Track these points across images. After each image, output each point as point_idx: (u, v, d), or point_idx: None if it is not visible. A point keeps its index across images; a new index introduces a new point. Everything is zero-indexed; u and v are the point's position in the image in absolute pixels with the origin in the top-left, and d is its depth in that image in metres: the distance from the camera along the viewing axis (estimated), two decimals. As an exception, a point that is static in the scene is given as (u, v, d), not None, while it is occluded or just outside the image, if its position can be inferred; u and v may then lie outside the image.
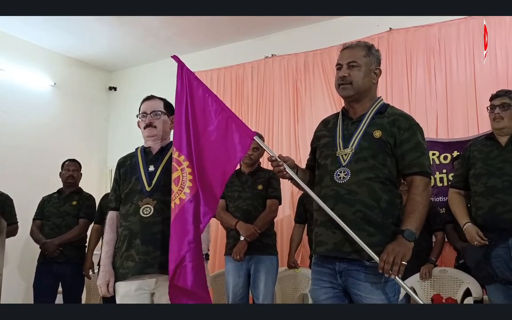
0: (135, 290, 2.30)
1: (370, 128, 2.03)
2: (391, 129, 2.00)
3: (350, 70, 2.07)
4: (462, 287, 3.40)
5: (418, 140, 1.98)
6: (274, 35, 5.53)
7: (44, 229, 4.22)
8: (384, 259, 1.83)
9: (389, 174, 1.99)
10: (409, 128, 2.00)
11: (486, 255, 2.64)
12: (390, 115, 2.04)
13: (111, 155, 6.48)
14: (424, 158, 1.98)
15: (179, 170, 2.22)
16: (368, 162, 1.98)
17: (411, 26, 4.67)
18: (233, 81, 5.67)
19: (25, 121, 5.59)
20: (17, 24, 5.27)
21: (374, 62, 2.10)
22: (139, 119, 2.54)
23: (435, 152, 4.37)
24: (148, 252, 2.27)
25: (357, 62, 2.06)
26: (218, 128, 2.22)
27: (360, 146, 2.00)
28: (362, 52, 2.08)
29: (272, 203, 3.46)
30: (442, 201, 4.25)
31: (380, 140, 1.99)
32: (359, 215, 1.94)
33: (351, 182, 1.97)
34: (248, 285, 3.45)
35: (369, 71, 2.08)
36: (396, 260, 1.82)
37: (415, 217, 1.90)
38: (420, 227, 1.91)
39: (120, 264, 2.34)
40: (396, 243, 1.86)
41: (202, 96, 2.28)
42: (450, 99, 4.44)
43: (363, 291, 1.93)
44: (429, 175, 1.99)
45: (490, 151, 2.77)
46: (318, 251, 2.06)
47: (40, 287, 4.15)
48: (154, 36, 5.65)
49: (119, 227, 2.41)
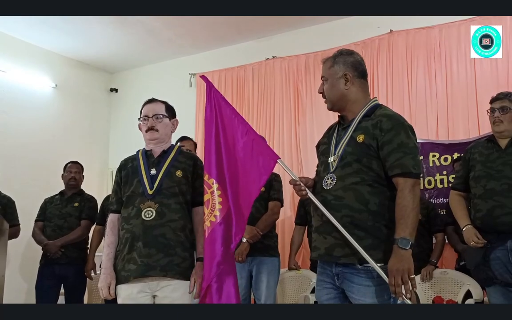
0: (137, 292, 2.30)
1: (355, 133, 2.04)
2: (373, 131, 1.99)
3: (323, 86, 2.16)
4: (463, 289, 3.40)
5: (401, 141, 1.94)
6: (275, 36, 5.55)
7: (46, 230, 4.23)
8: (393, 283, 1.82)
9: (376, 177, 1.97)
10: (391, 128, 1.97)
11: (485, 257, 2.66)
12: (376, 117, 2.03)
13: (112, 156, 6.50)
14: (407, 158, 1.92)
15: (209, 193, 2.27)
16: (353, 166, 1.99)
17: (412, 28, 4.68)
18: (234, 82, 5.69)
19: (26, 122, 5.60)
20: (18, 26, 5.29)
21: (341, 68, 2.11)
22: (140, 122, 2.54)
23: (435, 154, 4.38)
24: (150, 255, 2.28)
25: (324, 76, 2.15)
26: (244, 150, 2.24)
27: (345, 151, 2.03)
28: (328, 65, 2.15)
29: (274, 205, 3.47)
30: (443, 202, 4.26)
31: (363, 144, 1.99)
32: (347, 219, 1.95)
33: (337, 187, 2.00)
34: (250, 286, 3.45)
35: (335, 81, 2.11)
36: (404, 278, 1.81)
37: (405, 223, 1.87)
38: (413, 231, 1.88)
39: (121, 267, 2.34)
40: (395, 260, 1.84)
41: (229, 117, 2.31)
42: (451, 101, 4.45)
43: (357, 293, 1.94)
44: (414, 175, 1.92)
45: (490, 153, 2.78)
46: (313, 257, 2.12)
47: (42, 288, 4.16)
48: (156, 38, 5.66)
49: (121, 230, 2.41)
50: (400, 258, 1.84)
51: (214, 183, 2.26)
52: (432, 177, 4.37)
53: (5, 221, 3.39)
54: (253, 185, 2.23)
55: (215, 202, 2.24)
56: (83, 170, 4.53)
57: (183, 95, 5.76)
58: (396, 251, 1.85)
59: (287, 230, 4.69)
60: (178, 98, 4.14)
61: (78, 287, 4.24)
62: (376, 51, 4.86)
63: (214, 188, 2.25)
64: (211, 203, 2.24)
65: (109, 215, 2.52)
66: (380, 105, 2.13)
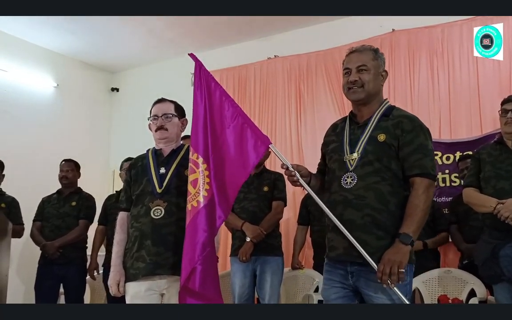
0: (145, 290, 2.31)
1: (375, 132, 2.05)
2: (394, 131, 2.01)
3: (360, 74, 2.09)
4: (466, 288, 3.40)
5: (420, 142, 1.98)
6: (277, 36, 5.54)
7: (44, 230, 4.20)
8: (381, 270, 1.86)
9: (394, 177, 2.00)
10: (412, 130, 2.00)
11: (494, 254, 2.67)
12: (395, 118, 2.05)
13: (114, 156, 6.49)
14: (427, 159, 1.96)
15: (197, 172, 2.23)
16: (374, 166, 2.00)
17: (414, 27, 4.68)
18: (236, 81, 5.68)
19: (27, 122, 5.60)
20: (20, 26, 5.28)
21: (382, 65, 2.15)
22: (150, 121, 2.54)
23: (437, 153, 4.37)
24: (159, 253, 2.29)
25: (366, 66, 2.09)
26: (234, 133, 2.22)
27: (366, 150, 2.02)
28: (370, 56, 2.12)
29: (278, 205, 3.47)
30: (445, 201, 4.26)
31: (384, 144, 2.01)
32: (368, 219, 1.96)
33: (358, 187, 2.00)
34: (253, 285, 3.46)
35: (378, 74, 2.12)
36: (393, 270, 1.84)
37: (412, 220, 1.90)
38: (418, 230, 1.91)
39: (130, 265, 2.35)
40: (392, 251, 1.88)
41: (219, 99, 2.28)
42: (453, 100, 4.45)
43: (374, 291, 1.95)
44: (431, 176, 1.96)
45: (499, 154, 2.81)
46: (331, 256, 2.10)
47: (41, 289, 4.13)
48: (157, 37, 5.66)
49: (130, 228, 2.43)
50: (396, 250, 1.87)
51: (203, 162, 2.23)
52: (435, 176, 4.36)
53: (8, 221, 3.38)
54: (242, 170, 2.22)
55: (203, 182, 2.21)
56: (79, 168, 4.47)
57: (184, 95, 5.68)
58: (396, 244, 1.89)
59: (291, 230, 4.69)
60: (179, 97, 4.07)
61: (78, 286, 4.22)
62: (378, 50, 4.85)
63: (202, 168, 2.23)
64: (199, 183, 2.21)
65: (118, 213, 2.52)
66: (394, 106, 2.16)
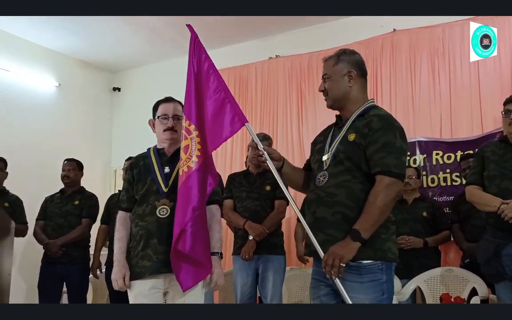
0: (149, 289, 2.33)
1: (347, 132, 2.07)
2: (363, 131, 2.02)
3: (325, 83, 2.17)
4: (468, 287, 3.41)
5: (386, 140, 1.96)
6: (278, 36, 5.56)
7: (47, 229, 4.21)
8: (325, 260, 1.90)
9: (367, 176, 1.99)
10: (380, 128, 1.99)
11: (497, 253, 2.67)
12: (368, 117, 2.05)
13: (115, 155, 6.51)
14: (390, 157, 1.94)
15: (188, 139, 2.27)
16: (345, 164, 2.02)
17: (415, 27, 4.69)
18: (237, 81, 5.69)
19: (29, 121, 5.61)
20: (22, 25, 5.29)
21: (346, 66, 2.14)
22: (157, 119, 2.53)
23: (438, 152, 4.39)
24: (165, 251, 2.29)
25: (327, 74, 2.16)
26: (214, 105, 2.25)
27: (338, 150, 2.05)
28: (331, 62, 2.16)
29: (280, 204, 3.48)
30: (446, 200, 4.27)
31: (354, 143, 2.02)
32: (339, 216, 1.97)
33: (330, 184, 2.02)
34: (256, 284, 3.48)
35: (339, 78, 2.13)
36: (335, 262, 1.86)
37: (365, 218, 1.90)
38: (371, 228, 1.90)
39: (135, 263, 2.36)
40: (338, 245, 1.90)
41: (206, 71, 2.32)
42: (454, 100, 4.46)
43: (350, 290, 1.94)
44: (394, 174, 1.93)
45: (503, 154, 2.79)
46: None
47: (44, 287, 4.15)
48: (158, 37, 5.67)
49: (135, 227, 2.42)
50: (343, 245, 1.89)
51: (195, 129, 2.26)
52: (436, 175, 4.37)
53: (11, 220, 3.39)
54: (214, 140, 2.26)
55: (194, 148, 2.25)
56: (82, 167, 4.48)
57: None
58: (346, 238, 1.90)
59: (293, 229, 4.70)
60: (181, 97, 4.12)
61: (80, 285, 4.23)
62: (379, 50, 4.87)
63: (194, 134, 2.26)
64: (190, 149, 2.25)
65: (118, 212, 2.52)
66: (376, 106, 2.15)
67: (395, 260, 2.01)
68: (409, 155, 4.44)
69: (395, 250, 2.00)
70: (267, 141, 3.57)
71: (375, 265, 1.93)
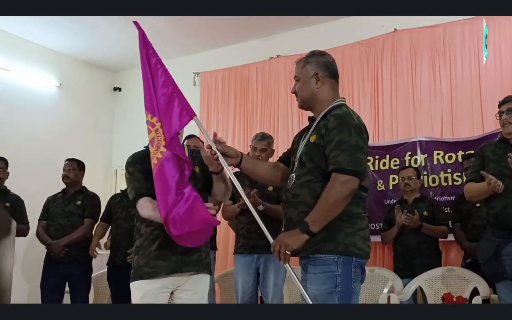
0: (159, 288, 2.32)
1: (311, 134, 2.11)
2: (322, 131, 2.05)
3: (296, 85, 2.22)
4: (469, 286, 3.42)
5: (340, 138, 1.98)
6: (279, 35, 5.55)
7: (50, 229, 4.21)
8: (273, 246, 1.98)
9: (327, 175, 2.01)
10: (335, 127, 2.01)
11: (497, 252, 2.69)
12: (328, 117, 2.07)
13: (116, 155, 6.51)
14: (343, 155, 1.96)
15: (153, 131, 2.28)
16: (307, 166, 2.06)
17: (416, 27, 4.70)
18: (238, 81, 5.70)
19: (30, 121, 5.61)
20: (22, 25, 5.29)
21: (313, 68, 2.16)
22: None
23: (439, 152, 4.39)
24: (184, 251, 2.31)
25: (297, 76, 2.21)
26: (162, 99, 2.28)
27: (302, 152, 2.11)
28: (300, 65, 2.20)
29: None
30: (447, 200, 4.26)
31: (314, 144, 2.06)
32: (303, 215, 1.99)
33: (295, 186, 2.08)
34: (257, 283, 3.48)
35: (307, 80, 2.16)
36: (281, 249, 1.94)
37: (315, 212, 1.94)
38: (319, 221, 1.93)
39: (145, 263, 2.34)
40: (287, 233, 1.99)
41: (154, 66, 2.37)
42: (455, 99, 4.47)
43: (309, 283, 2.02)
44: (346, 171, 1.94)
45: (503, 153, 2.82)
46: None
47: (47, 287, 4.15)
48: (159, 37, 5.66)
49: (146, 226, 2.39)
50: (290, 234, 1.97)
51: (157, 121, 2.28)
52: (437, 175, 4.37)
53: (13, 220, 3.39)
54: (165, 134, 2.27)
55: (160, 139, 2.25)
56: (83, 167, 4.47)
57: (187, 94, 5.55)
58: (295, 229, 1.96)
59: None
60: (183, 97, 4.14)
61: (83, 285, 4.24)
62: (380, 50, 4.87)
63: (158, 126, 2.27)
64: (156, 141, 2.26)
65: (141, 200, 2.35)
66: (341, 105, 2.14)
67: (361, 256, 2.01)
68: (410, 155, 4.46)
69: (362, 245, 2.00)
70: (265, 140, 3.58)
71: (330, 258, 1.96)
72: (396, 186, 4.40)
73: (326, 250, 1.96)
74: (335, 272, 1.96)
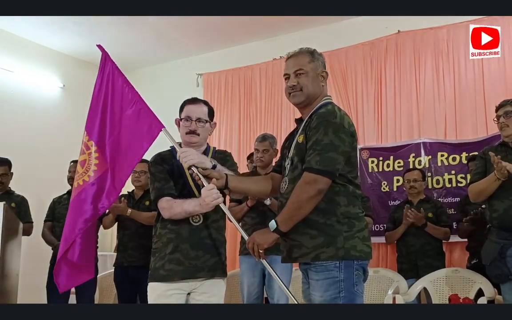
0: (175, 289, 2.31)
1: (299, 134, 2.06)
2: (306, 131, 2.00)
3: (298, 78, 2.09)
4: (474, 287, 3.43)
5: (316, 138, 1.93)
6: (282, 36, 5.57)
7: (56, 230, 4.20)
8: (247, 243, 2.06)
9: None
10: (315, 126, 1.96)
11: (502, 253, 2.71)
12: (313, 117, 2.02)
13: (119, 156, 6.52)
14: (314, 154, 1.91)
15: (86, 154, 2.38)
16: (299, 168, 2.00)
17: (420, 28, 4.71)
18: (242, 82, 5.71)
19: (34, 122, 5.63)
20: (26, 26, 5.31)
21: (320, 66, 2.12)
22: (180, 120, 2.44)
23: (443, 154, 4.41)
24: (198, 257, 2.30)
25: (303, 69, 2.08)
26: (131, 117, 2.34)
27: (292, 154, 2.06)
28: (307, 59, 2.10)
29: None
30: (452, 201, 4.29)
31: (302, 145, 2.01)
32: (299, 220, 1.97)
33: (289, 190, 2.00)
34: (263, 284, 3.49)
35: (316, 76, 2.09)
36: (254, 247, 2.01)
37: (283, 211, 1.96)
38: (288, 221, 1.93)
39: (160, 265, 2.33)
40: (259, 232, 2.04)
41: (121, 86, 2.41)
42: (459, 101, 4.48)
43: (312, 289, 1.98)
44: (313, 170, 1.90)
45: (504, 156, 2.82)
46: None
47: (53, 288, 4.15)
48: (163, 38, 5.68)
49: (162, 228, 2.38)
50: (261, 233, 2.03)
51: (93, 145, 2.36)
52: (441, 176, 4.39)
53: (19, 221, 3.41)
54: (134, 153, 2.34)
55: (91, 163, 2.34)
56: None
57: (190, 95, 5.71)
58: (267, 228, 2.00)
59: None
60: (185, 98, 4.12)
61: (88, 286, 4.22)
62: (384, 52, 4.89)
63: (92, 150, 2.36)
64: (87, 164, 2.34)
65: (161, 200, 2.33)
66: (327, 103, 2.08)
67: (362, 258, 1.96)
68: (414, 156, 4.47)
69: (362, 247, 1.95)
70: (266, 141, 3.59)
71: (331, 264, 1.91)
72: (400, 187, 4.41)
73: (326, 256, 1.91)
74: (337, 278, 1.92)
